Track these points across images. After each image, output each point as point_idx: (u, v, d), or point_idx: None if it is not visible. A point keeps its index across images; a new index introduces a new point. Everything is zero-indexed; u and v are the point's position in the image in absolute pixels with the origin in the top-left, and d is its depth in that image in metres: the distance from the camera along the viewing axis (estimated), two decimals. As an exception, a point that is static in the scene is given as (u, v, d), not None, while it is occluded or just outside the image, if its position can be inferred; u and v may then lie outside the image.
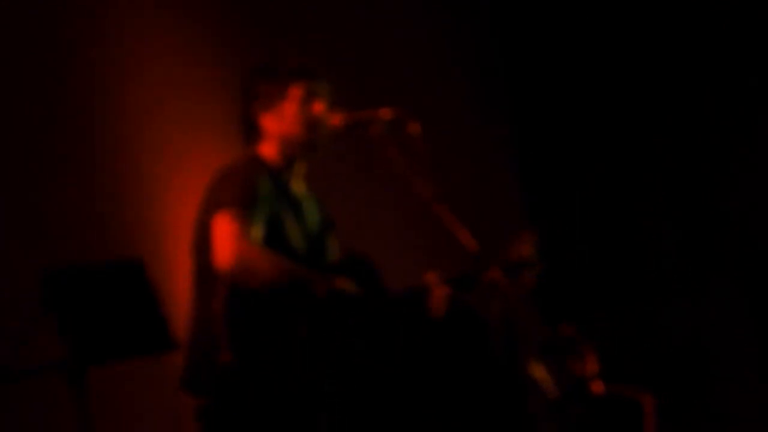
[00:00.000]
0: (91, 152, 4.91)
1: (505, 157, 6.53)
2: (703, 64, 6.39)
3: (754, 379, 6.31)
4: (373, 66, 5.77)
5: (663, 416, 5.28)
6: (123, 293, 3.78)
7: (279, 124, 3.74)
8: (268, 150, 3.76)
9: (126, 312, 3.77)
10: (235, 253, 3.46)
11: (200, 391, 3.61)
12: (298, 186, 3.80)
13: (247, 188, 3.58)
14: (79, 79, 4.93)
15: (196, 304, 3.65)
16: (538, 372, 4.69)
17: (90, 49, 4.96)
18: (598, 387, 5.16)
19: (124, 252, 4.54)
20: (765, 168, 6.26)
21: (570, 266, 6.21)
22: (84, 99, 4.92)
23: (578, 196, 6.51)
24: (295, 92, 3.74)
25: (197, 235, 3.65)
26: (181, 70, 5.20)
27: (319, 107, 3.73)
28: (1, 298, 4.24)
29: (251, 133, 3.79)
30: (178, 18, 5.26)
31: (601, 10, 6.57)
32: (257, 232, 3.54)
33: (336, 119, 3.76)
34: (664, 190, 6.50)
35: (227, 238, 3.48)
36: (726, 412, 6.31)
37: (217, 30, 5.31)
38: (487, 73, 6.54)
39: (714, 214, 6.42)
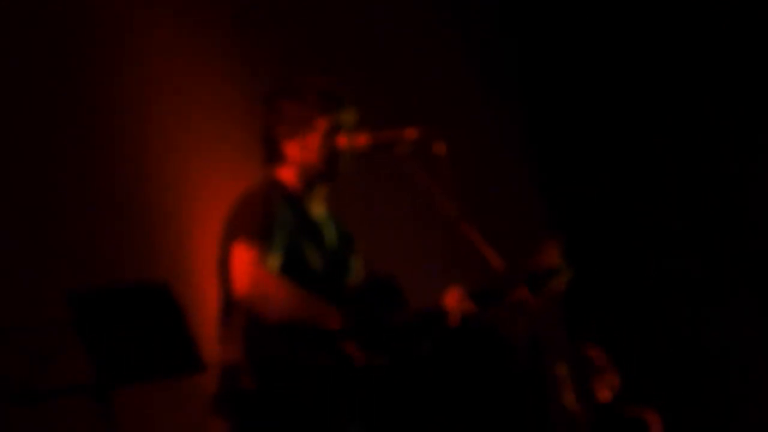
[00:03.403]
0: (116, 175, 4.92)
1: (527, 176, 6.52)
2: (729, 59, 6.35)
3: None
4: (395, 85, 5.78)
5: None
6: (149, 315, 3.78)
7: (301, 152, 3.73)
8: (288, 174, 3.76)
9: (152, 333, 3.77)
10: (252, 282, 3.48)
11: (228, 415, 3.62)
12: (318, 209, 3.80)
13: (265, 216, 3.58)
14: (104, 102, 4.95)
15: (220, 330, 3.66)
16: (561, 369, 4.68)
17: (113, 73, 4.97)
18: (606, 403, 5.15)
19: (149, 274, 4.55)
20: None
21: (591, 280, 6.20)
22: (110, 124, 4.93)
23: (603, 213, 6.49)
24: (321, 124, 3.72)
25: (220, 263, 3.66)
26: (204, 91, 5.21)
27: (342, 141, 3.73)
28: (28, 319, 4.25)
29: (272, 154, 3.78)
30: (203, 42, 5.27)
31: (614, 12, 6.56)
32: (274, 260, 3.55)
33: (361, 139, 3.75)
34: (687, 200, 6.48)
35: (244, 267, 3.50)
36: (747, 426, 6.28)
37: (240, 50, 5.32)
38: (506, 92, 6.54)
39: (738, 223, 6.39)
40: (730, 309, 6.33)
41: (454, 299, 3.66)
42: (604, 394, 5.13)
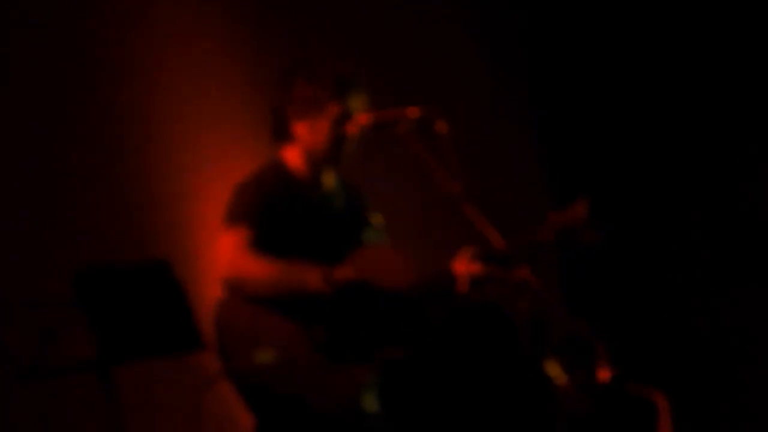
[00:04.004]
0: (120, 153, 4.93)
1: (531, 155, 6.50)
2: (744, 52, 6.30)
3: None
4: (400, 64, 5.76)
5: (688, 418, 5.21)
6: (151, 293, 3.80)
7: (309, 135, 3.75)
8: (293, 155, 3.78)
9: (154, 311, 3.79)
10: (230, 266, 3.52)
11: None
12: (328, 180, 3.80)
13: (255, 201, 3.61)
14: (108, 78, 4.95)
15: (217, 310, 3.68)
16: (552, 368, 4.67)
17: (120, 53, 4.98)
18: (605, 382, 5.12)
19: (152, 252, 4.56)
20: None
21: (595, 265, 6.18)
22: (113, 99, 4.94)
23: (605, 194, 6.45)
24: (332, 110, 3.74)
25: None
26: (211, 68, 5.20)
27: (351, 129, 3.74)
28: (32, 297, 4.27)
29: (281, 132, 3.80)
30: (210, 22, 5.26)
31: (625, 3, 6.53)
32: (259, 244, 3.56)
33: (363, 118, 3.76)
34: (694, 187, 6.44)
35: (225, 252, 3.55)
36: (756, 413, 6.24)
37: (247, 29, 5.31)
38: (512, 70, 6.50)
39: (746, 211, 6.35)
40: (741, 293, 6.29)
41: (462, 262, 3.65)
42: (602, 374, 5.11)
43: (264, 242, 3.59)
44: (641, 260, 6.48)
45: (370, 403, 3.63)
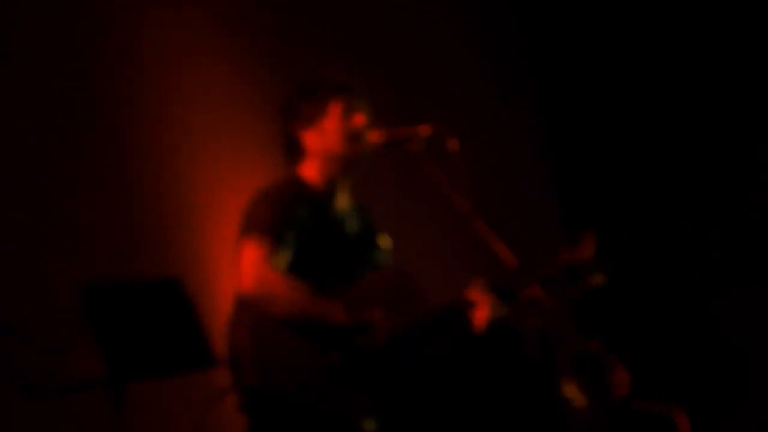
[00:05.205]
0: (130, 171, 4.93)
1: (542, 173, 6.51)
2: (746, 59, 6.31)
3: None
4: (412, 83, 5.77)
5: (689, 418, 5.22)
6: (162, 310, 3.79)
7: (320, 140, 3.75)
8: (309, 170, 3.77)
9: (165, 329, 3.78)
10: (257, 281, 3.50)
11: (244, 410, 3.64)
12: (342, 201, 3.80)
13: (278, 213, 3.59)
14: (120, 96, 4.95)
15: (228, 325, 3.67)
16: (570, 390, 4.67)
17: (131, 70, 4.98)
18: (629, 402, 5.12)
19: (162, 269, 4.56)
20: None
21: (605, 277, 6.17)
22: (125, 117, 4.94)
23: (615, 208, 6.47)
24: (335, 107, 3.75)
25: (234, 258, 3.67)
26: (222, 87, 5.20)
27: (359, 120, 3.74)
28: (42, 314, 4.27)
29: (293, 152, 3.79)
30: (219, 37, 5.27)
31: (631, 10, 6.53)
32: (282, 258, 3.56)
33: (375, 136, 3.75)
34: (694, 188, 6.45)
35: (251, 265, 3.53)
36: (756, 414, 6.25)
37: (258, 47, 5.32)
38: (522, 87, 6.51)
39: (746, 212, 6.36)
40: (740, 293, 6.30)
41: (475, 294, 3.62)
42: (618, 391, 5.11)
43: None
44: (642, 261, 6.49)
45: (369, 425, 3.62)
